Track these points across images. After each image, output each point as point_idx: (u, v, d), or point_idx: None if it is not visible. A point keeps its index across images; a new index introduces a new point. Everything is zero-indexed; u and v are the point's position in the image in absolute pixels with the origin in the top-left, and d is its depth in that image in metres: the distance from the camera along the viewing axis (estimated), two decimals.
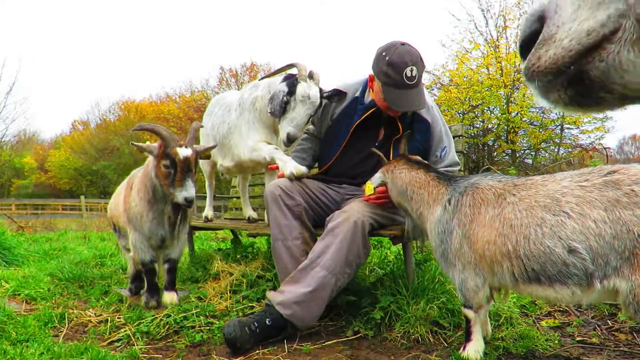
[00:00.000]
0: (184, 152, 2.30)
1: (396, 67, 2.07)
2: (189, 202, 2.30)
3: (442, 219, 1.80)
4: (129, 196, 2.57)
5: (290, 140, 2.33)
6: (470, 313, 1.75)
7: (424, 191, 1.89)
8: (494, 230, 1.60)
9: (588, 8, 0.52)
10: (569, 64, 0.54)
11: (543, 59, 0.56)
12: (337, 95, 2.42)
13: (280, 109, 2.32)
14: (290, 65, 2.45)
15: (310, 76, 2.38)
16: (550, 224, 1.48)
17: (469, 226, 1.69)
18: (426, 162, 2.07)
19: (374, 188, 2.09)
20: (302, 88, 2.31)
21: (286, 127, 2.33)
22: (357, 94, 2.40)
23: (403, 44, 2.14)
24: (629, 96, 0.55)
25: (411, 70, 2.07)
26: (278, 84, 2.44)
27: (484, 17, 14.53)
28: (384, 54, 2.12)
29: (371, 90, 2.35)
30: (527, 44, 0.58)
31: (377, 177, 2.09)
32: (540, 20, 0.57)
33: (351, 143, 2.35)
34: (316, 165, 2.66)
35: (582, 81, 0.54)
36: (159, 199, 2.44)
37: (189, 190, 2.28)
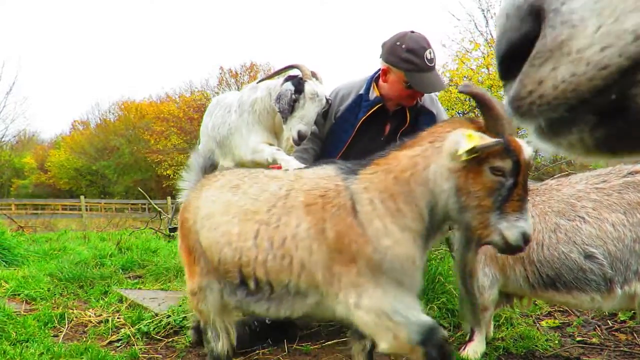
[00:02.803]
0: (529, 150, 1.23)
1: (416, 52, 2.11)
2: (526, 242, 1.21)
3: None
4: (354, 227, 1.30)
5: (301, 138, 2.34)
6: None
7: None
8: None
9: None
10: (602, 89, 0.32)
11: (549, 83, 0.34)
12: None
13: (289, 107, 2.33)
14: (291, 67, 2.46)
15: (314, 76, 2.40)
16: (565, 229, 1.46)
17: None
18: None
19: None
20: (310, 86, 2.33)
21: (296, 125, 2.34)
22: (362, 91, 2.41)
23: (412, 31, 2.18)
24: None
25: (430, 53, 2.13)
26: (280, 85, 2.44)
27: (484, 17, 14.56)
28: (398, 43, 2.15)
29: (375, 86, 2.36)
30: (512, 57, 0.36)
31: None
32: (535, 15, 0.34)
33: (356, 140, 2.36)
34: None
35: (622, 115, 0.33)
36: (433, 229, 1.33)
37: (528, 222, 1.20)
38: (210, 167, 1.86)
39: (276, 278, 1.40)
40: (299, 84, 2.35)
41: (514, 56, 0.36)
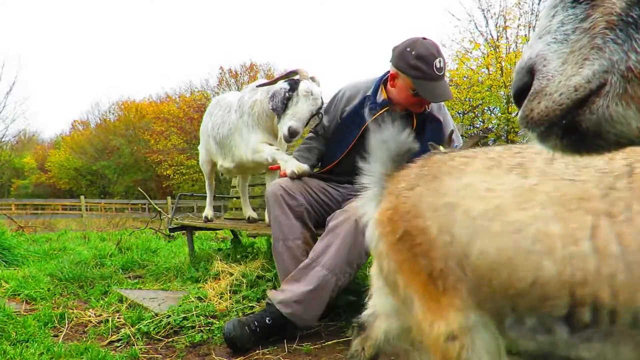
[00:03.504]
0: None
1: (426, 60, 2.09)
2: None
3: None
4: None
5: (291, 134, 2.30)
6: None
7: None
8: None
9: (574, 63, 0.56)
10: (560, 116, 0.57)
11: (535, 111, 0.58)
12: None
13: (282, 105, 2.32)
14: (292, 72, 2.46)
15: (312, 79, 2.41)
16: None
17: None
18: None
19: None
20: (304, 84, 2.33)
21: (288, 122, 2.31)
22: (369, 93, 2.39)
23: (424, 38, 2.16)
24: (624, 143, 0.57)
25: (439, 62, 2.12)
26: (278, 85, 2.45)
27: (484, 17, 14.57)
28: (408, 49, 2.13)
29: (383, 89, 2.35)
30: (520, 95, 0.61)
31: None
32: (530, 72, 0.59)
33: (361, 141, 2.35)
34: (318, 165, 2.65)
35: (575, 131, 0.57)
36: None
37: None
38: (406, 153, 1.28)
39: (629, 298, 0.87)
40: (294, 82, 2.35)
41: (520, 95, 0.61)
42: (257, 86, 2.69)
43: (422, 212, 1.08)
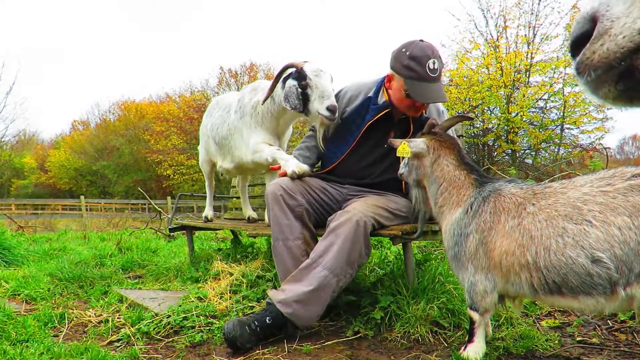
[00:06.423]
0: None
1: (419, 60, 2.08)
2: None
3: (460, 222, 1.77)
4: None
5: (332, 111, 2.24)
6: (475, 315, 1.74)
7: (455, 193, 1.84)
8: (513, 241, 1.57)
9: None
10: (620, 59, 0.57)
11: (597, 53, 0.58)
12: None
13: (299, 100, 2.28)
14: (286, 67, 2.44)
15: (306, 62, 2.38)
16: (573, 234, 1.46)
17: (487, 233, 1.66)
18: (472, 162, 1.92)
19: (410, 151, 1.91)
20: (309, 67, 2.30)
21: (320, 105, 2.25)
22: (371, 94, 2.38)
23: (421, 40, 2.15)
24: None
25: (433, 63, 2.10)
26: (281, 88, 2.42)
27: (484, 17, 14.53)
28: (404, 50, 2.13)
29: (385, 91, 2.34)
30: (578, 43, 0.62)
31: (419, 145, 1.91)
32: (592, 21, 0.60)
33: (361, 143, 2.35)
34: (318, 164, 2.64)
35: (632, 76, 0.57)
36: None
37: None
38: None
39: None
40: (298, 74, 2.32)
41: (578, 43, 0.61)
42: (262, 104, 2.63)
43: None
